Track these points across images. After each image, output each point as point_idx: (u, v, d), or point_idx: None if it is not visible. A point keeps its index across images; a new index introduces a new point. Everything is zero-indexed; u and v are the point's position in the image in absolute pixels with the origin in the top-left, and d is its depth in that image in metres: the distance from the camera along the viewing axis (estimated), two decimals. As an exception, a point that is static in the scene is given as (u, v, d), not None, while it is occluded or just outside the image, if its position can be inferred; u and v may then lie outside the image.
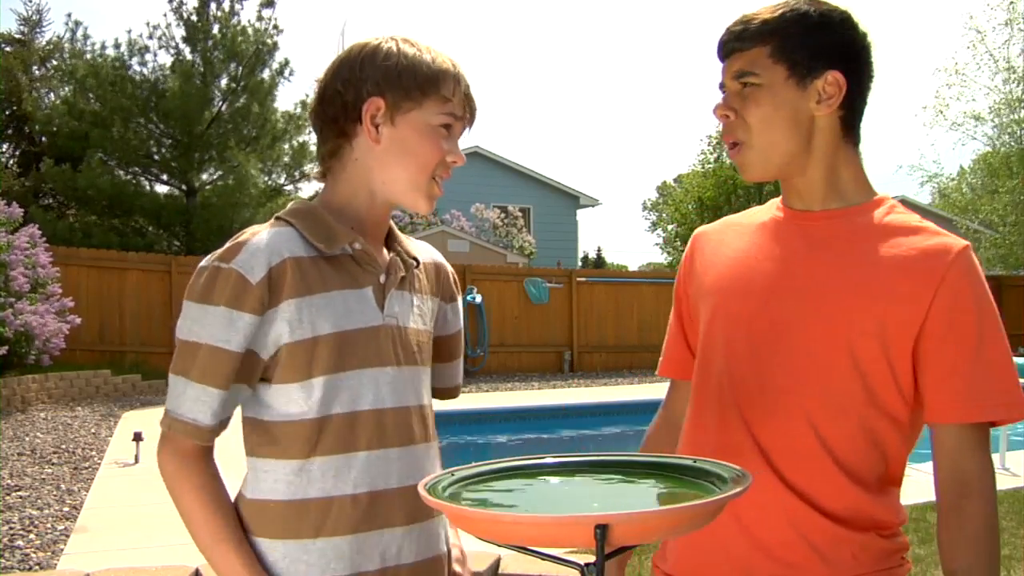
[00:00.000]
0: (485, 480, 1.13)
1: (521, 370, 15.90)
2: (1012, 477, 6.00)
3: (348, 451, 1.25)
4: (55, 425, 8.44)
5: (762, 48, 1.27)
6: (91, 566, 3.73)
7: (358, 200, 1.34)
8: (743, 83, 1.28)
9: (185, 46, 16.72)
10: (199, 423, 1.22)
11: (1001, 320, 1.24)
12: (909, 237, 1.26)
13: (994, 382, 1.21)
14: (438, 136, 1.31)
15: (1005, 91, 21.40)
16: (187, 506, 1.24)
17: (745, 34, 1.29)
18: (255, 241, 1.24)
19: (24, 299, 9.78)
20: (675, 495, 1.05)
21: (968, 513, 1.21)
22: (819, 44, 1.27)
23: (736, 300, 1.33)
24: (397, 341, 1.32)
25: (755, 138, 1.28)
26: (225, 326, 1.20)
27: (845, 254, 1.27)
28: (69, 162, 15.87)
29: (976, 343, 1.21)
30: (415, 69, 1.29)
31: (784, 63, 1.27)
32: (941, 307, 1.21)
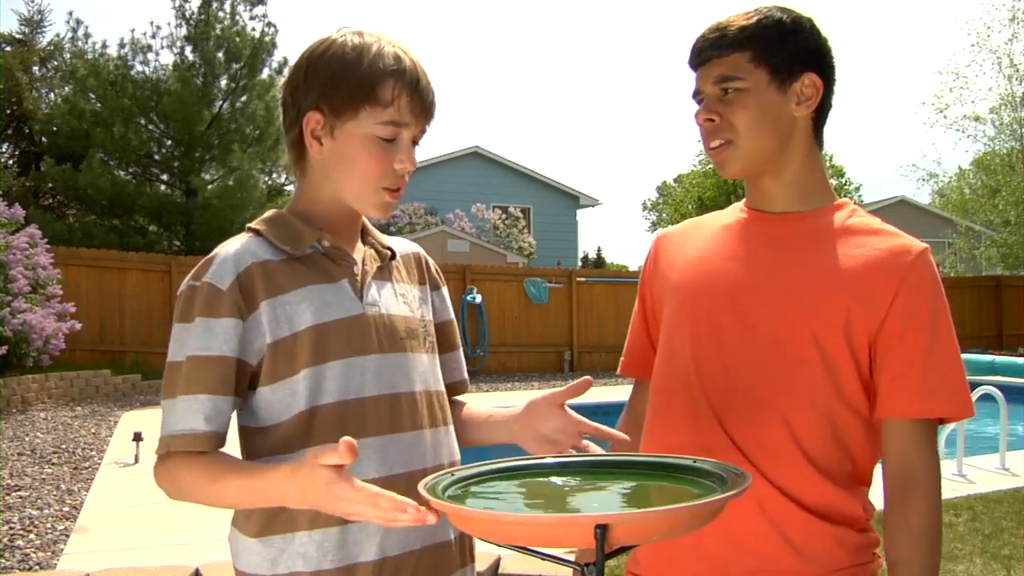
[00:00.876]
0: (485, 480, 1.13)
1: (521, 370, 15.90)
2: (1012, 477, 5.99)
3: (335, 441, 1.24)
4: (55, 425, 8.44)
5: (742, 54, 1.31)
6: (91, 566, 3.74)
7: (322, 203, 1.33)
8: (726, 88, 1.32)
9: (186, 45, 16.73)
10: (196, 431, 1.20)
11: (951, 320, 1.28)
12: (871, 238, 1.31)
13: (944, 381, 1.25)
14: (378, 146, 1.26)
15: (1007, 90, 21.39)
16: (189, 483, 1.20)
17: (724, 41, 1.32)
18: (222, 254, 1.26)
19: (23, 299, 9.78)
20: (675, 495, 1.05)
21: (912, 506, 1.25)
22: (795, 48, 1.32)
23: (702, 298, 1.36)
24: (380, 329, 1.31)
25: (742, 139, 1.32)
26: (204, 334, 1.21)
27: (809, 253, 1.31)
28: (70, 162, 15.86)
29: (929, 342, 1.25)
30: (349, 77, 1.25)
31: (766, 67, 1.31)
32: (900, 306, 1.25)
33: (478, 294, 15.35)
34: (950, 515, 4.85)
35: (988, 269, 22.79)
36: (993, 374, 13.05)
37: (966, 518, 4.80)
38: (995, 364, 13.59)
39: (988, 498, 5.26)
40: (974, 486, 5.64)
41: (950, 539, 4.41)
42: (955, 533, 4.51)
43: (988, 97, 21.95)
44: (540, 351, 16.19)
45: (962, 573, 3.93)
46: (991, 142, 22.13)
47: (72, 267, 12.18)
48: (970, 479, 5.89)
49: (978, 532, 4.54)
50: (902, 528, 1.24)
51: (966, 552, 4.21)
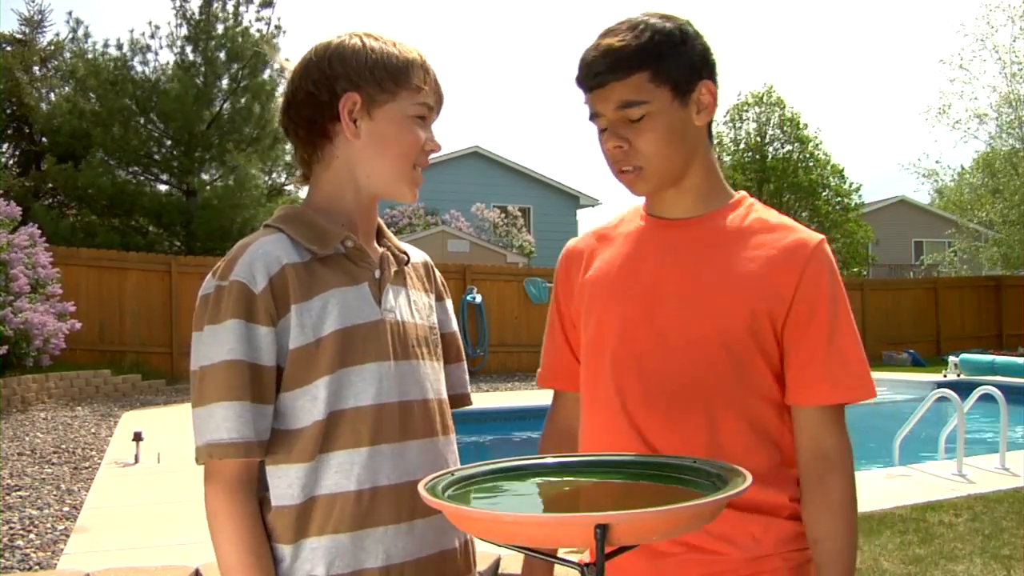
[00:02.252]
0: (485, 480, 1.13)
1: (521, 370, 15.89)
2: (1012, 477, 5.99)
3: (352, 447, 1.24)
4: (55, 425, 8.44)
5: (642, 74, 1.28)
6: (91, 566, 3.73)
7: (345, 197, 1.34)
8: (629, 113, 1.29)
9: (187, 45, 16.72)
10: (241, 438, 1.19)
11: (849, 307, 1.32)
12: (768, 236, 1.33)
13: (846, 367, 1.28)
14: (414, 125, 1.32)
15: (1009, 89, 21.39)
16: (223, 547, 1.21)
17: (622, 63, 1.28)
18: (251, 251, 1.24)
19: (24, 298, 9.79)
20: (674, 495, 1.05)
21: (830, 485, 1.28)
22: (689, 59, 1.31)
23: (613, 310, 1.37)
24: (395, 336, 1.31)
25: (653, 163, 1.31)
26: (238, 338, 1.20)
27: (712, 257, 1.33)
28: (70, 161, 15.86)
29: (829, 332, 1.28)
30: (386, 62, 1.30)
31: (667, 84, 1.29)
32: (801, 299, 1.28)
33: (478, 294, 15.35)
34: (950, 515, 4.86)
35: (989, 269, 22.78)
36: (993, 374, 13.06)
37: (966, 518, 4.80)
38: (995, 364, 13.60)
39: (988, 498, 5.25)
40: (974, 486, 5.64)
41: (950, 539, 4.41)
42: (955, 533, 4.51)
43: (990, 96, 21.94)
44: (540, 351, 16.15)
45: (962, 573, 3.93)
46: (993, 141, 22.14)
47: (72, 267, 12.18)
48: (970, 479, 5.88)
49: (978, 532, 4.53)
50: (822, 507, 1.28)
51: (966, 552, 4.21)
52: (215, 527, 1.22)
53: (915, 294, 19.49)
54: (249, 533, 1.21)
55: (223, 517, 1.21)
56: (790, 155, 22.18)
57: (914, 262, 28.36)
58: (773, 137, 22.49)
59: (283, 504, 1.24)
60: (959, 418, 6.19)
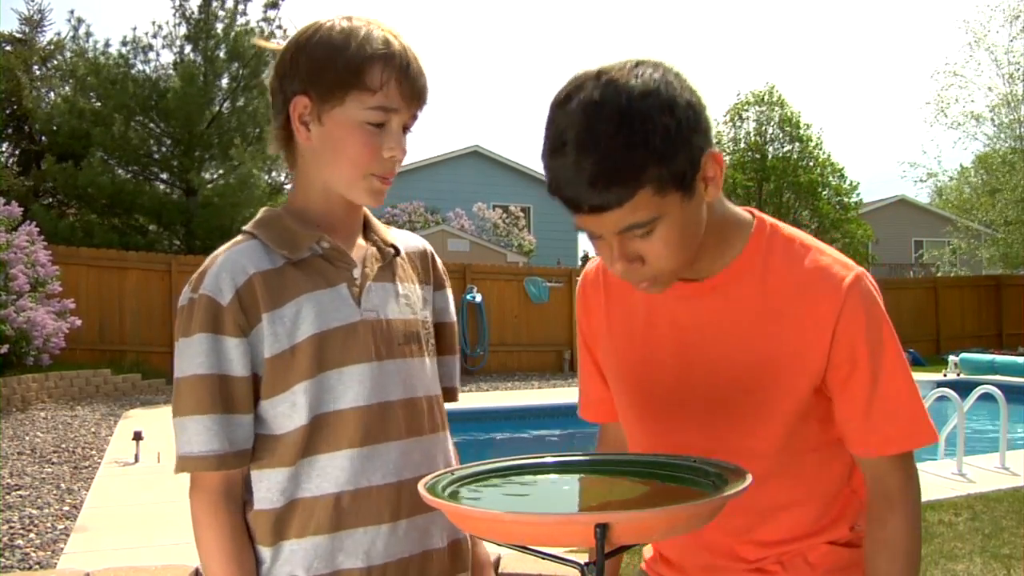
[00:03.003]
0: (485, 479, 1.13)
1: (521, 369, 15.90)
2: (1012, 476, 5.99)
3: (333, 451, 1.23)
4: (55, 424, 8.44)
5: (644, 190, 1.05)
6: (91, 565, 3.73)
7: (316, 198, 1.30)
8: (633, 232, 1.11)
9: (187, 44, 16.71)
10: (213, 451, 1.19)
11: (897, 342, 1.21)
12: (798, 280, 1.21)
13: (895, 418, 1.20)
14: (366, 132, 1.22)
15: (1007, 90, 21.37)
16: (206, 556, 1.22)
17: (611, 190, 1.05)
18: (219, 262, 1.23)
19: (25, 297, 9.78)
20: (675, 495, 1.05)
21: (889, 525, 1.23)
22: (689, 144, 1.08)
23: (638, 371, 1.32)
24: (378, 335, 1.27)
25: (669, 267, 1.15)
26: (206, 351, 1.19)
27: (737, 325, 1.23)
28: (70, 160, 15.86)
29: (871, 383, 1.19)
30: (336, 61, 1.21)
31: (672, 187, 1.08)
32: (839, 352, 1.19)
33: (478, 293, 15.35)
34: (950, 514, 4.86)
35: (988, 268, 22.77)
36: (993, 373, 13.06)
37: (966, 517, 4.80)
38: (995, 363, 13.60)
39: (988, 497, 5.26)
40: (974, 485, 5.64)
41: (950, 538, 4.41)
42: (955, 532, 4.51)
43: (988, 96, 21.91)
44: (540, 350, 16.19)
45: (962, 572, 3.93)
46: (991, 141, 22.13)
47: (72, 266, 12.18)
48: (970, 478, 5.88)
49: (978, 531, 4.54)
50: (880, 544, 1.24)
51: (966, 551, 4.21)
52: (198, 536, 1.23)
53: (915, 293, 19.49)
54: (231, 542, 1.21)
55: (205, 527, 1.22)
56: (790, 155, 22.17)
57: (914, 262, 28.37)
58: (773, 136, 22.49)
59: (264, 507, 1.23)
60: (959, 417, 6.19)
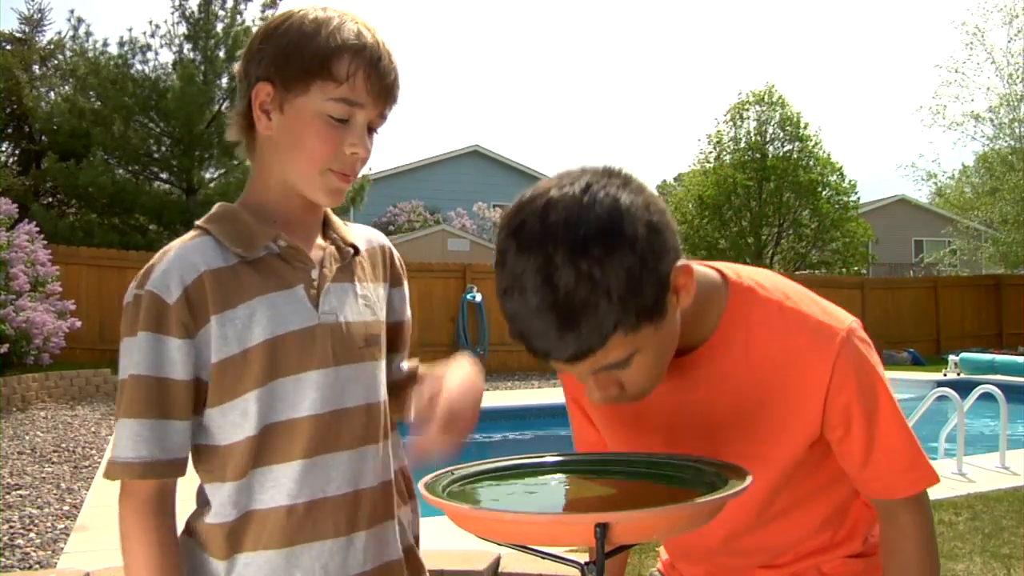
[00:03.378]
0: (485, 479, 1.13)
1: (521, 369, 15.89)
2: (1012, 476, 5.98)
3: (287, 461, 1.17)
4: (55, 424, 8.44)
5: (615, 335, 1.00)
6: (91, 565, 3.73)
7: (274, 194, 1.23)
8: (610, 371, 1.08)
9: (187, 44, 16.71)
10: (140, 458, 1.12)
11: (888, 392, 1.21)
12: (782, 350, 1.18)
13: (893, 467, 1.21)
14: (328, 126, 1.16)
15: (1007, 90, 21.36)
16: (131, 567, 1.15)
17: (583, 339, 0.99)
18: (168, 258, 1.17)
19: (25, 296, 9.78)
20: (674, 494, 1.05)
21: (905, 552, 1.24)
22: (656, 273, 1.00)
23: (627, 444, 1.31)
24: (337, 339, 1.21)
25: (652, 384, 1.13)
26: (147, 351, 1.13)
27: (728, 393, 1.21)
28: (71, 160, 15.86)
29: (867, 439, 1.19)
30: (303, 49, 1.15)
31: (644, 323, 1.02)
32: (832, 414, 1.18)
33: (478, 293, 15.34)
34: (950, 513, 4.85)
35: (988, 268, 22.77)
36: (993, 373, 13.05)
37: (966, 517, 4.80)
38: (995, 363, 13.59)
39: (988, 497, 5.26)
40: (974, 485, 5.64)
41: (950, 538, 4.41)
42: (955, 532, 4.51)
43: (988, 96, 21.86)
44: (540, 350, 16.18)
45: (962, 572, 3.93)
46: (990, 142, 22.11)
47: (72, 266, 12.17)
48: (970, 478, 5.88)
49: (978, 531, 4.54)
50: (894, 570, 1.24)
51: (966, 551, 4.21)
52: (124, 546, 1.16)
53: (915, 293, 19.48)
54: (157, 553, 1.14)
55: (130, 537, 1.15)
56: (790, 154, 22.16)
57: (914, 261, 28.37)
58: (773, 136, 22.47)
59: (217, 520, 1.18)
60: (959, 417, 6.19)
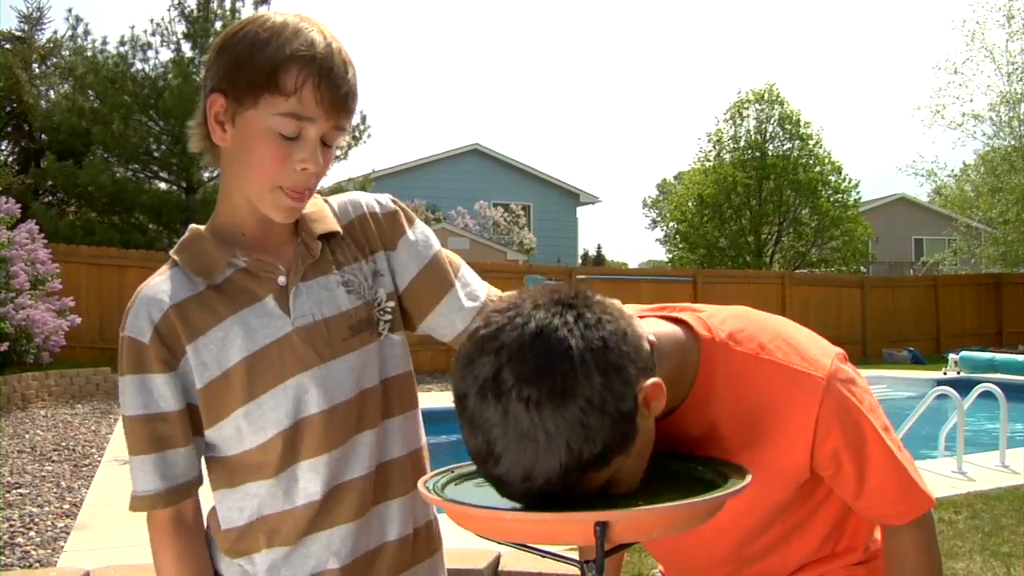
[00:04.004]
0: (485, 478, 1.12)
1: (521, 368, 15.87)
2: (1012, 474, 5.99)
3: (291, 464, 1.21)
4: (55, 422, 8.44)
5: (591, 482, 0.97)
6: (91, 563, 3.74)
7: (241, 205, 1.22)
8: None
9: (186, 43, 16.71)
10: (149, 492, 1.21)
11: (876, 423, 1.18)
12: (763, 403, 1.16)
13: (886, 499, 1.20)
14: (276, 141, 1.14)
15: (1006, 88, 21.34)
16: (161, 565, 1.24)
17: (562, 501, 0.95)
18: (139, 300, 1.23)
19: (25, 295, 9.78)
20: (674, 493, 1.05)
21: (908, 565, 1.23)
22: (620, 406, 0.94)
23: None
24: (318, 337, 1.21)
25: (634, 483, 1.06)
26: (136, 392, 1.19)
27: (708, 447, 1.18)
28: (70, 159, 15.86)
29: (858, 479, 1.18)
30: (253, 60, 1.12)
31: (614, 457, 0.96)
32: (820, 458, 1.17)
33: (478, 292, 15.32)
34: (950, 512, 4.86)
35: (988, 267, 22.77)
36: (993, 371, 13.06)
37: (966, 516, 4.80)
38: (995, 362, 13.60)
39: (988, 495, 5.26)
40: (974, 483, 5.64)
41: (950, 536, 4.41)
42: (955, 531, 4.52)
43: (987, 94, 21.84)
44: (540, 349, 16.17)
45: (962, 571, 3.94)
46: (990, 140, 22.11)
47: (72, 264, 12.17)
48: (970, 476, 5.88)
49: (978, 530, 4.54)
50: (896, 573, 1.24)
51: (966, 550, 4.22)
52: (154, 562, 1.25)
53: (915, 292, 19.48)
54: (182, 563, 1.23)
55: (158, 554, 1.24)
56: (790, 153, 22.17)
57: (914, 260, 28.37)
58: (773, 135, 22.49)
59: (229, 526, 1.25)
60: (959, 416, 6.19)
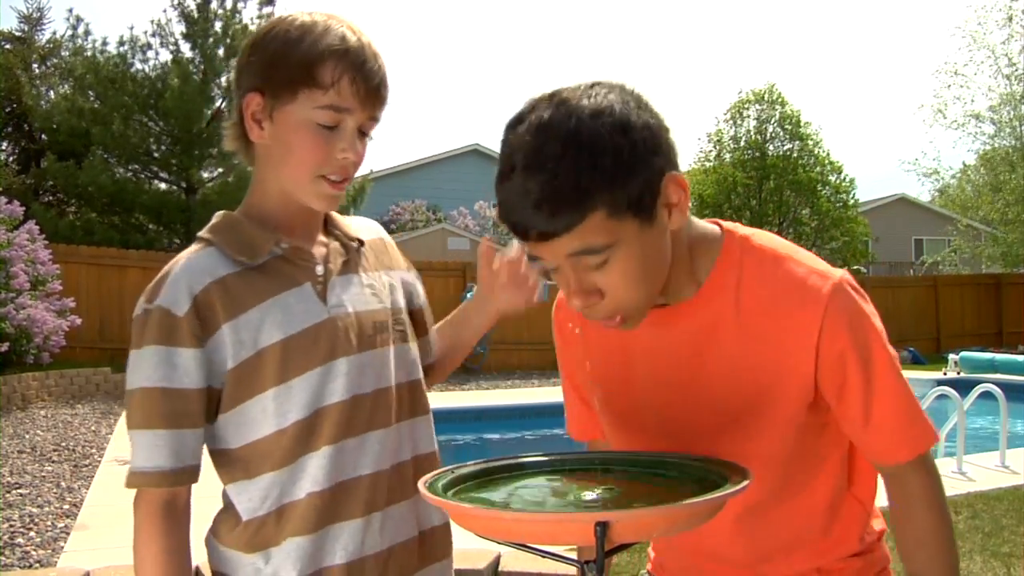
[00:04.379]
0: (485, 477, 1.13)
1: (521, 367, 15.89)
2: (1012, 475, 5.98)
3: (309, 451, 1.21)
4: (55, 423, 8.44)
5: (593, 215, 0.99)
6: (91, 564, 3.74)
7: (273, 200, 1.26)
8: (589, 261, 1.03)
9: (185, 43, 16.71)
10: (155, 468, 1.17)
11: (886, 347, 1.15)
12: (772, 297, 1.13)
13: (895, 425, 1.15)
14: (316, 133, 1.19)
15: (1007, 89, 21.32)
16: (141, 569, 1.19)
17: (559, 213, 0.98)
18: (176, 272, 1.20)
19: (25, 295, 9.78)
20: (674, 493, 1.05)
21: (918, 519, 1.19)
22: (646, 166, 1.01)
23: (621, 401, 1.27)
24: (350, 329, 1.25)
25: (633, 301, 1.08)
26: (159, 363, 1.16)
27: (719, 344, 1.16)
28: (70, 159, 15.85)
29: (864, 397, 1.13)
30: (288, 57, 1.17)
31: (628, 212, 1.01)
32: (826, 366, 1.12)
33: (478, 292, 15.34)
34: (950, 512, 4.85)
35: (988, 267, 22.76)
36: (993, 372, 13.06)
37: (966, 516, 4.80)
38: (995, 362, 13.59)
39: (988, 496, 5.26)
40: (974, 484, 5.64)
41: (950, 537, 4.41)
42: (955, 531, 4.51)
43: (988, 95, 21.78)
44: (540, 348, 16.17)
45: (962, 571, 3.94)
46: (991, 140, 22.09)
47: (72, 264, 12.17)
48: (970, 477, 5.88)
49: (978, 530, 4.54)
50: (912, 541, 1.20)
51: (966, 550, 4.22)
52: (136, 549, 1.20)
53: (915, 292, 19.47)
54: (165, 559, 1.18)
55: (143, 541, 1.19)
56: (790, 153, 22.15)
57: (914, 260, 28.36)
58: (773, 135, 22.47)
59: (248, 517, 1.23)
60: (959, 416, 6.19)
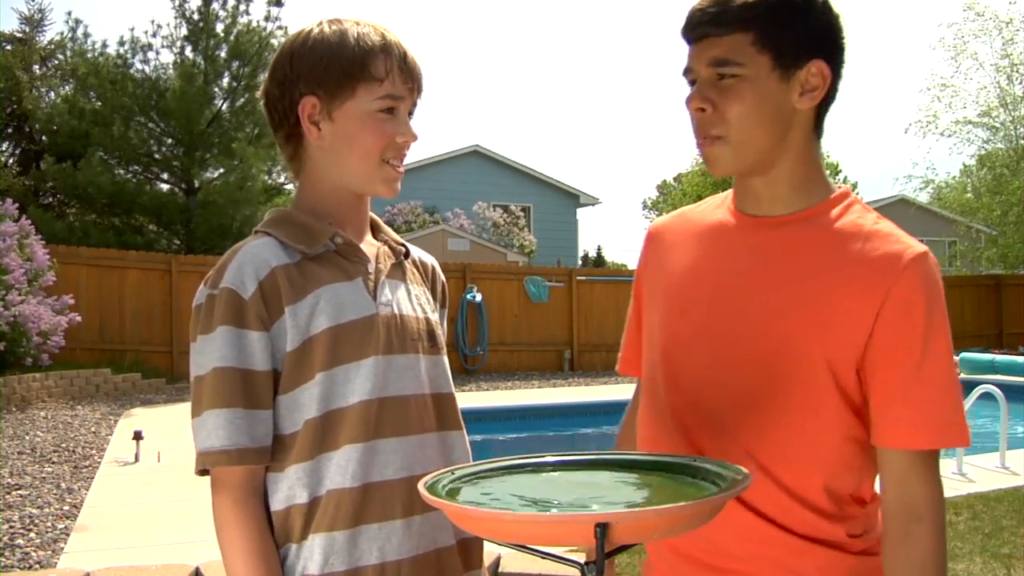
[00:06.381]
0: (485, 478, 1.13)
1: (521, 369, 15.90)
2: (1012, 476, 5.99)
3: (346, 444, 1.23)
4: (55, 424, 8.44)
5: (744, 35, 1.16)
6: (91, 565, 3.74)
7: (327, 196, 1.32)
8: (722, 72, 1.18)
9: (187, 44, 16.70)
10: (243, 446, 1.19)
11: (950, 335, 1.16)
12: (860, 245, 1.18)
13: (936, 408, 1.14)
14: (378, 121, 1.27)
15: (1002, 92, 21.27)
16: (231, 556, 1.21)
17: (724, 17, 1.16)
18: (239, 257, 1.24)
19: (16, 291, 9.73)
20: (674, 494, 1.05)
21: (915, 538, 1.14)
22: (804, 31, 1.18)
23: (677, 320, 1.28)
24: (392, 329, 1.29)
25: (734, 133, 1.19)
26: (228, 345, 1.20)
27: (791, 271, 1.20)
28: (70, 160, 15.85)
29: (918, 365, 1.13)
30: (340, 57, 1.26)
31: (769, 52, 1.17)
32: (885, 325, 1.14)
33: (478, 292, 15.35)
34: (950, 514, 4.85)
35: (988, 268, 22.75)
36: (993, 373, 13.06)
37: (966, 517, 4.80)
38: (995, 363, 13.59)
39: (988, 497, 5.26)
40: (974, 485, 5.65)
41: (950, 538, 4.41)
42: (955, 532, 4.51)
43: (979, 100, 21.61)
44: (540, 350, 16.20)
45: (962, 572, 3.94)
46: (985, 144, 22.04)
47: (72, 265, 12.18)
48: (970, 478, 5.89)
49: (978, 531, 4.54)
50: (903, 560, 1.14)
51: (966, 551, 4.22)
52: (222, 536, 1.21)
53: (915, 293, 19.43)
54: (258, 541, 1.20)
55: (230, 526, 1.21)
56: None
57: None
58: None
59: (280, 507, 1.24)
60: (959, 417, 6.18)
